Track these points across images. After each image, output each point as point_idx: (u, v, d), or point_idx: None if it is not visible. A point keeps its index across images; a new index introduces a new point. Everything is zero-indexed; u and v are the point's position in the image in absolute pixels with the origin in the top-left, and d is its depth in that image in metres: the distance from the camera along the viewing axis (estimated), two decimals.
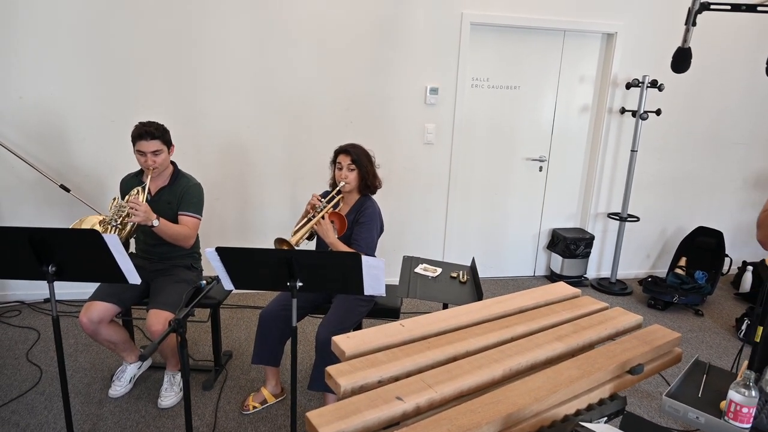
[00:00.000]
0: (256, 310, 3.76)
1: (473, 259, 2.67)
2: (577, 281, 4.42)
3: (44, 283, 1.99)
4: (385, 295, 1.99)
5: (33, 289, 3.74)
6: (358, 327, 2.69)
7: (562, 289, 2.09)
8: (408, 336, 1.67)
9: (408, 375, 1.48)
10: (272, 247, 2.24)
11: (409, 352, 1.57)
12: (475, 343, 1.64)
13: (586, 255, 4.38)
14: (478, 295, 2.29)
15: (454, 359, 1.59)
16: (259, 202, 3.95)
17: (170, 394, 2.66)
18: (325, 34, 3.71)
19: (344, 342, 1.60)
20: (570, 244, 4.30)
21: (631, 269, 4.70)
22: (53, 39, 3.40)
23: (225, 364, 3.03)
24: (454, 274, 2.58)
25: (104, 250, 1.90)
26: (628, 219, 4.32)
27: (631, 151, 4.18)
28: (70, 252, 1.93)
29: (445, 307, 2.34)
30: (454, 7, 3.82)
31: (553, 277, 4.51)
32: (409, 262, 2.69)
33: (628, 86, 4.13)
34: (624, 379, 1.60)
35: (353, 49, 3.77)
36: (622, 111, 4.25)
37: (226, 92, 3.69)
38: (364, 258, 1.85)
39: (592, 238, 4.38)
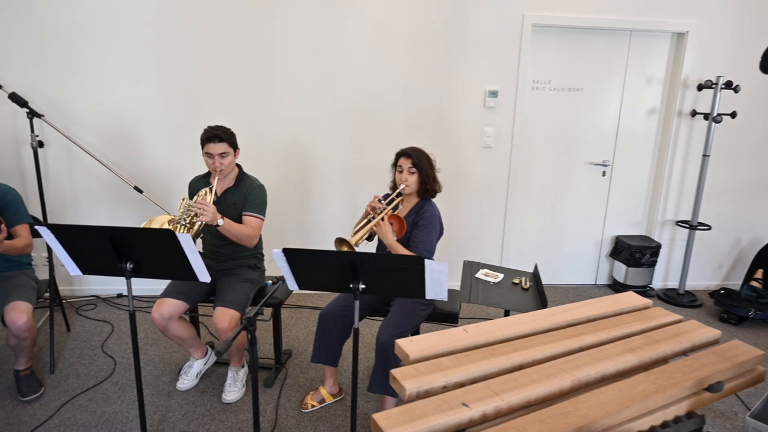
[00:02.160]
0: (314, 310, 3.83)
1: (536, 266, 2.62)
2: (641, 291, 4.24)
3: (116, 279, 2.11)
4: (447, 299, 1.98)
5: (107, 285, 3.96)
6: (416, 331, 2.70)
7: (633, 299, 2.01)
8: (472, 342, 1.66)
9: (473, 381, 1.47)
10: (331, 248, 2.27)
11: (473, 358, 1.55)
12: (542, 351, 1.60)
13: (652, 264, 4.20)
14: (542, 303, 2.24)
15: (521, 367, 1.56)
16: (319, 205, 4.03)
17: (234, 389, 2.75)
18: (386, 39, 3.74)
19: (408, 345, 1.60)
20: (635, 252, 4.14)
21: (701, 280, 4.47)
22: (128, 48, 3.60)
23: (285, 363, 3.10)
24: (516, 281, 2.54)
25: (178, 249, 1.99)
26: (699, 227, 4.11)
27: (703, 155, 3.98)
28: (146, 250, 2.03)
29: (507, 313, 2.30)
30: (515, 9, 3.77)
31: (615, 286, 4.35)
32: (470, 267, 2.67)
33: (700, 88, 3.93)
34: (701, 397, 1.52)
35: (413, 53, 3.78)
36: (693, 114, 4.05)
37: (289, 97, 3.79)
38: (428, 262, 1.85)
39: (659, 246, 4.19)
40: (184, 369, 2.90)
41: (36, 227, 2.08)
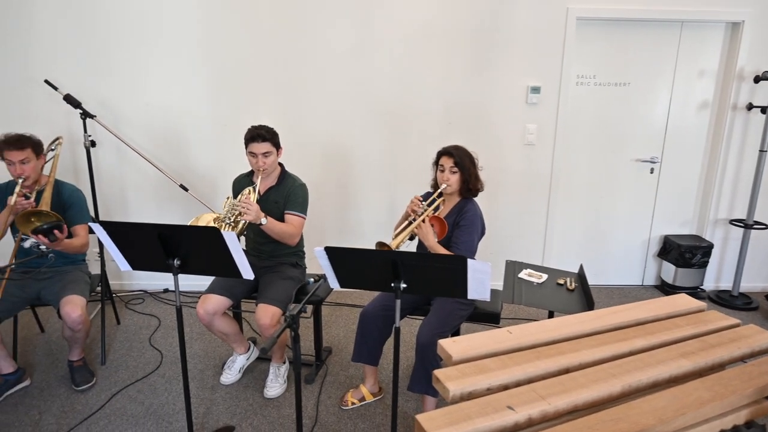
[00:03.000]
0: (353, 308, 3.85)
1: (581, 266, 2.55)
2: (692, 293, 4.07)
3: (163, 274, 2.16)
4: (489, 299, 1.95)
5: (154, 280, 4.09)
6: (456, 331, 2.67)
7: (685, 301, 1.93)
8: (516, 343, 1.62)
9: (518, 384, 1.44)
10: (372, 246, 2.27)
11: (518, 361, 1.52)
12: (589, 355, 1.56)
13: (704, 265, 4.03)
14: (589, 305, 2.18)
15: (567, 371, 1.51)
16: (358, 203, 4.04)
17: (275, 385, 2.79)
18: (424, 36, 3.71)
19: (451, 346, 1.58)
20: (685, 252, 3.98)
21: (757, 282, 4.26)
22: (175, 52, 3.70)
23: (325, 360, 3.13)
24: (561, 281, 2.47)
25: (223, 247, 2.03)
26: (755, 226, 3.92)
27: (760, 151, 3.78)
28: (193, 247, 2.08)
29: (551, 315, 2.25)
30: (559, 2, 3.67)
31: (664, 287, 4.20)
32: (513, 267, 2.62)
33: (757, 80, 3.74)
34: (762, 406, 1.44)
35: (453, 49, 3.74)
36: (750, 107, 3.86)
37: (328, 96, 3.81)
38: (470, 262, 1.82)
39: (711, 246, 4.02)
40: (227, 363, 2.96)
41: (90, 224, 2.16)
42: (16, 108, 3.74)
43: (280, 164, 2.90)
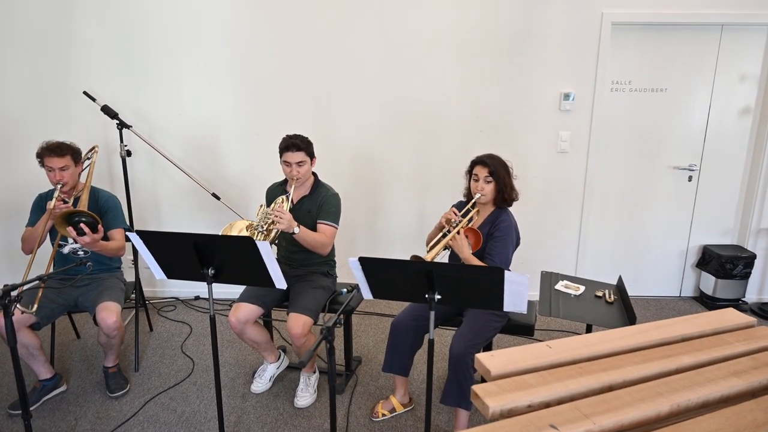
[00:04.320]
0: (383, 317, 3.82)
1: (620, 278, 2.47)
2: (733, 305, 3.92)
3: (194, 282, 2.17)
4: (525, 312, 1.90)
5: (185, 287, 4.14)
6: (489, 343, 2.62)
7: (733, 316, 1.84)
8: (556, 359, 1.57)
9: (559, 402, 1.39)
10: (402, 256, 2.24)
11: (559, 377, 1.47)
12: (634, 372, 1.49)
13: (746, 276, 3.88)
14: (630, 318, 2.11)
15: (610, 388, 1.46)
16: (387, 212, 4.02)
17: (306, 394, 2.78)
18: (454, 43, 3.69)
19: (489, 360, 1.54)
20: (725, 262, 3.84)
21: None
22: (207, 63, 3.75)
23: (355, 370, 3.11)
24: (600, 293, 2.40)
25: (257, 256, 2.03)
26: None
27: None
28: (227, 257, 2.09)
29: (589, 328, 2.18)
30: (594, 8, 3.61)
31: (703, 298, 4.06)
32: (549, 278, 2.56)
33: None
34: None
35: (483, 56, 3.71)
36: None
37: (358, 105, 3.82)
38: (507, 273, 1.78)
39: (753, 256, 3.87)
40: (258, 372, 2.96)
41: (126, 233, 2.19)
42: (56, 118, 3.84)
43: (314, 173, 2.90)
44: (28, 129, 3.82)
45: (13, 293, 1.93)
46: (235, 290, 2.88)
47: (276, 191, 2.94)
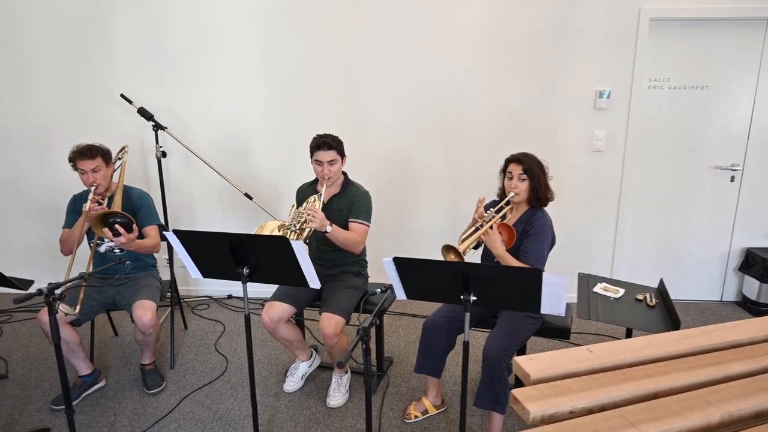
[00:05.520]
0: (413, 317, 3.80)
1: (661, 281, 2.40)
2: None
3: (226, 281, 2.20)
4: (564, 314, 1.86)
5: (218, 286, 4.19)
6: (523, 346, 2.57)
7: None
8: (598, 363, 1.52)
9: (602, 408, 1.35)
10: (431, 256, 2.21)
11: (602, 382, 1.43)
12: (681, 379, 1.44)
13: None
14: (673, 323, 2.04)
15: (656, 396, 1.41)
16: (417, 211, 4.00)
17: (338, 394, 2.78)
18: (485, 40, 3.65)
19: (528, 364, 1.51)
20: None
21: None
22: (240, 65, 3.80)
23: (387, 370, 3.10)
24: (640, 297, 2.33)
25: (291, 256, 2.03)
26: None
27: None
28: (262, 256, 2.10)
29: (629, 333, 2.12)
30: (631, 3, 3.51)
31: (746, 303, 3.91)
32: (586, 281, 2.50)
33: None
34: None
35: (516, 53, 3.65)
36: None
37: (387, 104, 3.81)
38: (545, 275, 1.74)
39: None
40: (290, 371, 2.98)
41: (164, 233, 2.23)
42: (94, 120, 3.94)
43: (344, 172, 2.90)
44: (66, 131, 3.93)
45: (57, 291, 1.98)
46: (267, 289, 2.90)
47: (306, 191, 2.95)
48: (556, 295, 1.79)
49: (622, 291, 2.38)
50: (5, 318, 3.84)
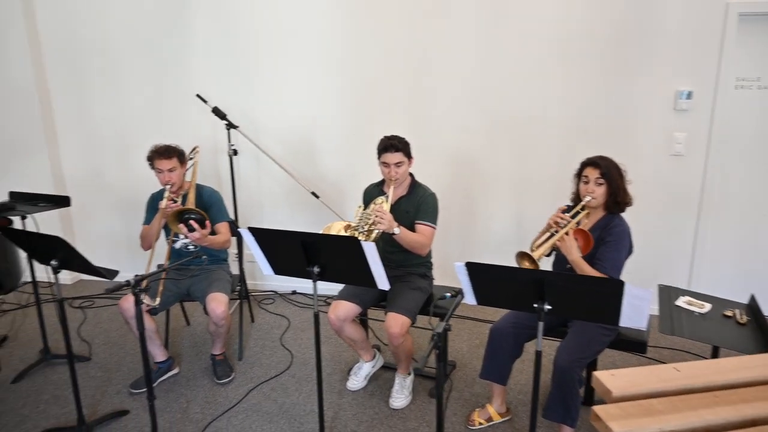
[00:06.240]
0: (476, 322, 3.74)
1: (752, 297, 2.24)
2: None
3: (292, 277, 2.25)
4: (645, 329, 1.77)
5: (283, 281, 4.29)
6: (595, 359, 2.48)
7: None
8: (686, 384, 1.44)
9: None
10: (495, 260, 2.16)
11: (692, 404, 1.35)
12: None
13: None
14: (767, 343, 1.90)
15: (753, 423, 1.32)
16: (483, 215, 3.94)
17: (401, 396, 2.78)
18: (556, 39, 3.53)
19: (609, 380, 1.45)
20: None
21: None
22: (308, 66, 3.87)
23: (450, 375, 3.07)
24: (729, 313, 2.19)
25: (361, 257, 2.05)
26: None
27: None
28: (332, 256, 2.13)
29: (715, 352, 1.99)
30: None
31: None
32: (668, 293, 2.38)
33: None
34: None
35: (589, 51, 3.51)
36: None
37: (455, 106, 3.77)
38: (628, 286, 1.67)
39: None
40: (353, 370, 3.01)
41: (239, 230, 2.30)
42: (170, 119, 4.13)
43: (411, 174, 2.89)
44: (145, 130, 4.14)
45: (142, 283, 2.08)
46: (332, 287, 2.92)
47: (373, 192, 2.96)
48: (638, 308, 1.71)
49: (708, 306, 2.24)
50: (88, 303, 4.09)
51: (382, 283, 2.13)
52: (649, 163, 3.61)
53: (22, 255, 2.85)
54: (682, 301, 2.27)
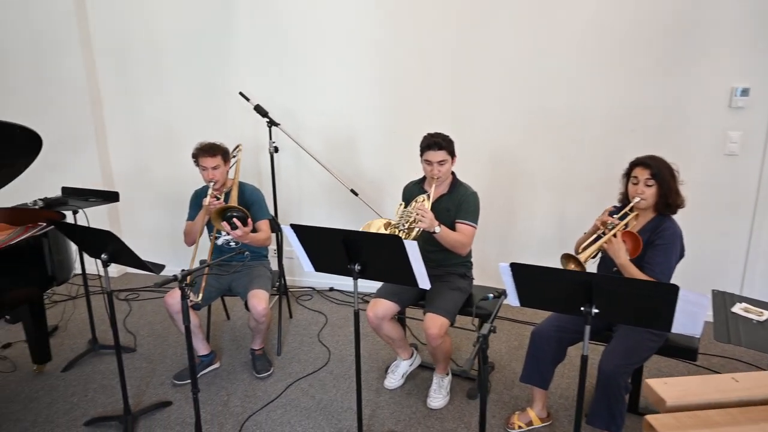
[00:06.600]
0: (516, 323, 3.68)
1: None
2: None
3: (329, 274, 2.25)
4: (699, 336, 1.70)
5: (321, 278, 4.32)
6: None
7: None
8: (746, 395, 1.38)
9: None
10: (537, 261, 2.10)
11: (752, 417, 1.29)
12: None
13: None
14: None
15: None
16: (524, 214, 3.87)
17: (438, 396, 2.76)
18: (601, 33, 3.43)
19: (662, 389, 1.39)
20: None
21: None
22: (349, 64, 3.88)
23: (487, 376, 3.03)
24: None
25: (403, 255, 2.03)
26: None
27: None
28: (373, 254, 2.12)
29: None
30: None
31: None
32: (722, 299, 2.28)
33: None
34: None
35: (637, 47, 3.40)
36: None
37: (497, 104, 3.71)
38: (683, 291, 1.60)
39: None
40: (391, 368, 3.00)
41: (282, 226, 2.32)
42: (213, 117, 4.21)
43: (452, 172, 2.86)
44: (190, 127, 4.22)
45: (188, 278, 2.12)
46: (371, 284, 2.92)
47: (413, 190, 2.94)
48: (693, 314, 1.64)
49: (767, 314, 2.13)
50: (134, 296, 4.22)
51: (423, 282, 2.11)
52: (701, 163, 3.46)
53: (73, 248, 2.95)
54: (738, 308, 2.16)
